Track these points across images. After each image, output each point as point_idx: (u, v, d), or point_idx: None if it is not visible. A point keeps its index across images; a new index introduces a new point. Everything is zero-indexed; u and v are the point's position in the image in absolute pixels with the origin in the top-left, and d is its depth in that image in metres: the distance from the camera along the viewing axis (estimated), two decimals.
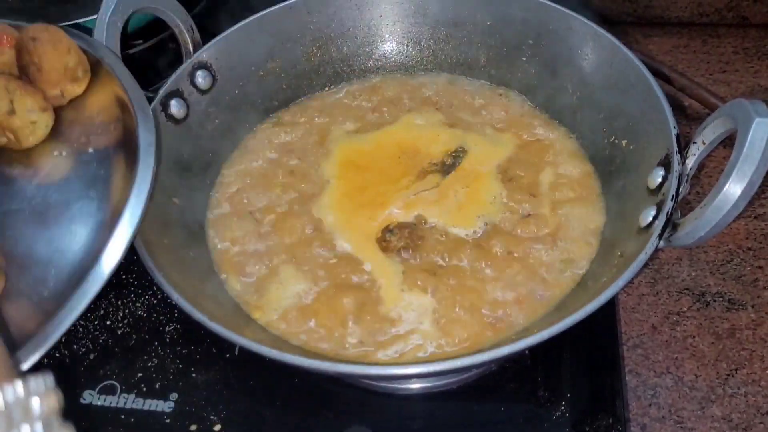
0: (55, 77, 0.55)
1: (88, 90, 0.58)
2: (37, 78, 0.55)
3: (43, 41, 0.54)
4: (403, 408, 0.57)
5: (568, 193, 0.61)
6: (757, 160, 0.42)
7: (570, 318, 0.43)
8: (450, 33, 0.73)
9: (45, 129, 0.55)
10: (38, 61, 0.54)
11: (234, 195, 0.64)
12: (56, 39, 0.55)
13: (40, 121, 0.54)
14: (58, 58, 0.55)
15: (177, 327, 0.62)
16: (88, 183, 0.52)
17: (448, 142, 0.67)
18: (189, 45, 0.66)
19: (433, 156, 0.66)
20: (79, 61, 0.56)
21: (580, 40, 0.64)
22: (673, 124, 0.52)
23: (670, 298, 0.65)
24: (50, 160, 0.55)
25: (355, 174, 0.66)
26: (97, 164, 0.53)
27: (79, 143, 0.55)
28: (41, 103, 0.54)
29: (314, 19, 0.71)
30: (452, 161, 0.65)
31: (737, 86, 0.85)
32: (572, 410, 0.54)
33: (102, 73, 0.57)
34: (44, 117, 0.55)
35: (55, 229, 0.50)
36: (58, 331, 0.44)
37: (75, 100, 0.57)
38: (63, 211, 0.51)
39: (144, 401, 0.57)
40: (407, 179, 0.64)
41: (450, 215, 0.61)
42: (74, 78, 0.56)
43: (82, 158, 0.54)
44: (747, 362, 0.60)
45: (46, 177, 0.54)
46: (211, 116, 0.67)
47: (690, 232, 0.46)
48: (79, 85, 0.57)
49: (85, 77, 0.57)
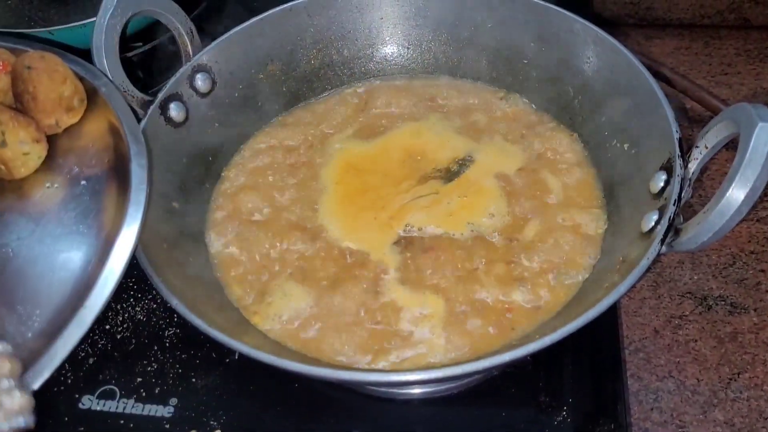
0: (49, 107, 0.54)
1: (83, 117, 0.57)
2: (32, 107, 0.54)
3: (39, 70, 0.54)
4: (404, 413, 0.57)
5: (570, 198, 0.61)
6: (760, 165, 0.41)
7: (571, 324, 0.43)
8: (451, 35, 0.73)
9: (37, 160, 0.54)
10: (33, 90, 0.54)
11: (234, 199, 0.64)
12: (52, 68, 0.54)
13: (33, 153, 0.54)
14: (53, 87, 0.54)
15: (177, 331, 0.61)
16: (79, 217, 0.52)
17: (457, 149, 0.67)
18: (188, 48, 0.66)
19: (438, 162, 0.66)
20: (75, 90, 0.56)
21: (582, 44, 0.64)
22: (675, 128, 0.51)
23: (672, 302, 0.65)
24: (41, 191, 0.54)
25: (356, 177, 0.66)
26: (89, 196, 0.53)
27: (72, 173, 0.54)
28: (34, 135, 0.54)
29: (314, 21, 0.71)
30: (457, 168, 0.65)
31: (739, 88, 0.84)
32: (574, 415, 0.53)
33: (98, 100, 0.57)
34: (37, 148, 0.54)
35: (42, 265, 0.50)
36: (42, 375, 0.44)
37: (70, 128, 0.57)
38: (51, 245, 0.51)
39: (143, 406, 0.57)
40: (408, 183, 0.64)
41: (440, 220, 0.61)
42: (69, 108, 0.56)
43: (74, 191, 0.53)
44: (749, 366, 0.60)
45: (36, 209, 0.53)
46: (211, 119, 0.66)
47: (692, 238, 0.45)
48: (74, 115, 0.57)
49: (80, 107, 0.57)
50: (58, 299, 0.47)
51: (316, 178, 0.66)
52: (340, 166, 0.67)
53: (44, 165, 0.55)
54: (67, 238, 0.51)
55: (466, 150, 0.66)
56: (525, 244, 0.58)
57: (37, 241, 0.51)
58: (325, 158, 0.67)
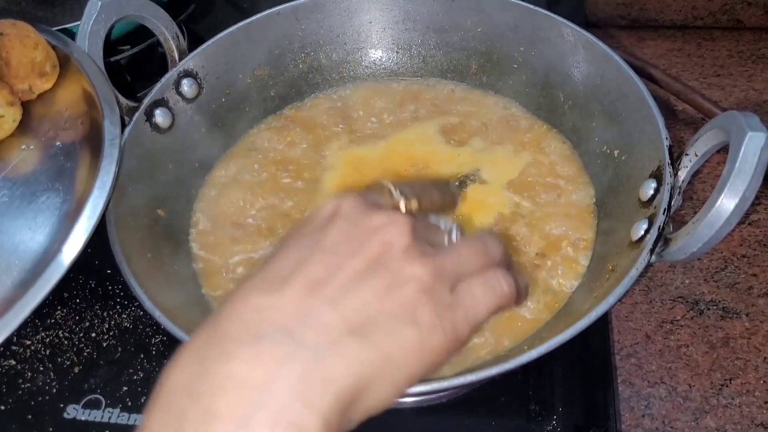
0: (23, 72, 0.55)
1: (57, 85, 0.58)
2: (5, 73, 0.55)
3: (11, 36, 0.55)
4: (393, 422, 0.56)
5: (560, 208, 0.61)
6: (749, 175, 0.41)
7: (560, 336, 0.42)
8: (440, 40, 0.72)
9: (12, 123, 0.55)
10: (6, 56, 0.55)
11: (220, 206, 0.63)
12: (24, 34, 0.56)
13: (7, 116, 0.55)
14: (25, 53, 0.55)
15: (164, 339, 0.61)
16: (54, 176, 0.53)
17: (462, 166, 0.66)
18: (174, 53, 0.65)
19: (432, 171, 0.65)
20: (47, 56, 0.57)
21: (571, 48, 0.63)
22: (665, 135, 0.51)
23: (664, 307, 0.64)
24: (18, 154, 0.56)
25: (350, 184, 0.65)
26: (64, 158, 0.54)
27: (47, 137, 0.56)
28: (8, 98, 0.54)
29: (303, 25, 0.70)
30: (458, 184, 0.64)
31: (731, 90, 0.84)
32: (564, 424, 0.53)
33: (71, 69, 0.58)
34: (11, 111, 0.55)
35: (20, 220, 0.52)
36: (15, 320, 0.46)
37: (44, 94, 0.58)
38: (28, 203, 0.52)
39: (129, 416, 0.56)
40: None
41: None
42: (42, 73, 0.57)
43: (49, 152, 0.55)
44: (741, 372, 0.59)
45: (13, 170, 0.55)
46: (198, 125, 0.66)
47: (682, 248, 0.45)
48: (47, 80, 0.57)
49: (53, 72, 0.58)
50: (35, 249, 0.50)
51: (306, 183, 0.65)
52: (334, 174, 0.66)
53: (19, 129, 0.56)
54: (42, 196, 0.53)
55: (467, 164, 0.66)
56: (515, 250, 0.58)
57: (13, 199, 0.53)
58: (314, 164, 0.67)
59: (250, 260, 0.59)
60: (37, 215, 0.51)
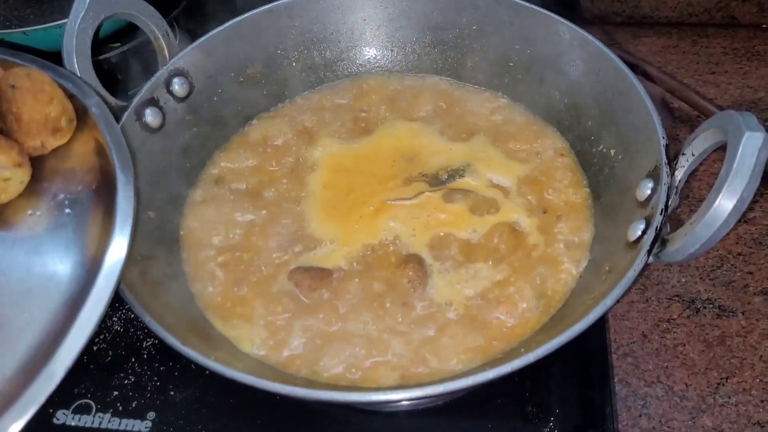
0: (34, 128, 0.51)
1: (71, 138, 0.53)
2: (15, 128, 0.51)
3: (23, 90, 0.50)
4: (389, 425, 0.56)
5: (557, 207, 0.60)
6: (747, 175, 0.40)
7: (556, 339, 0.42)
8: (435, 37, 0.71)
9: (19, 186, 0.51)
10: (17, 111, 0.50)
11: (212, 207, 0.62)
12: (38, 88, 0.51)
13: (14, 178, 0.50)
14: (38, 108, 0.50)
15: (155, 342, 0.60)
16: (62, 244, 0.49)
17: (452, 159, 0.65)
18: (165, 51, 0.64)
19: (427, 167, 0.65)
20: (63, 111, 0.52)
21: (567, 46, 0.63)
22: (662, 135, 0.50)
23: (660, 305, 0.64)
24: (24, 219, 0.50)
25: (341, 178, 0.65)
26: (73, 225, 0.49)
27: (56, 199, 0.51)
28: (16, 159, 0.50)
29: (296, 23, 0.70)
30: (446, 177, 0.64)
31: (726, 87, 0.84)
32: (561, 426, 0.53)
33: (87, 119, 0.53)
34: (19, 173, 0.50)
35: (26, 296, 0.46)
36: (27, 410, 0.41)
37: (57, 148, 0.53)
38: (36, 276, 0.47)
39: (120, 421, 0.55)
40: (394, 182, 0.63)
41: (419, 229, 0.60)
42: (57, 129, 0.52)
43: (58, 219, 0.50)
44: (737, 371, 0.59)
45: (19, 236, 0.50)
46: (189, 124, 0.65)
47: (679, 249, 0.45)
48: (62, 137, 0.53)
49: (69, 127, 0.53)
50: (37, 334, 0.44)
51: (300, 183, 0.64)
52: (326, 169, 0.66)
53: (27, 188, 0.51)
54: (49, 270, 0.48)
55: (457, 159, 0.65)
56: (513, 251, 0.57)
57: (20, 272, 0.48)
58: (310, 162, 0.66)
59: (239, 259, 0.59)
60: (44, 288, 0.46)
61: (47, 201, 0.51)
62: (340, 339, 0.53)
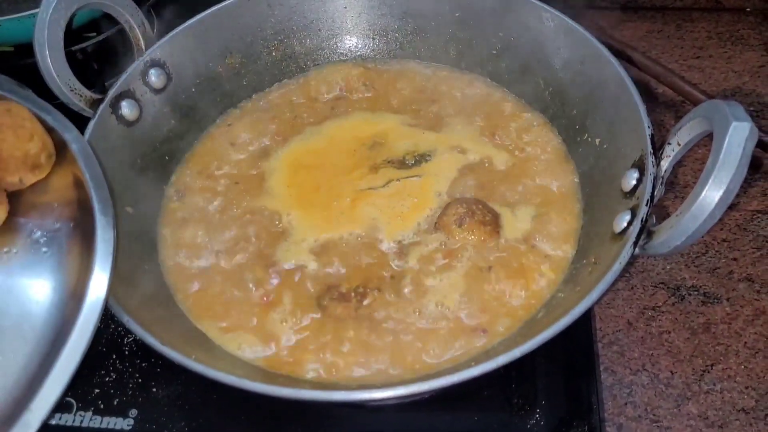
0: (13, 165, 0.50)
1: (50, 172, 0.52)
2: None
3: (3, 127, 0.49)
4: (375, 419, 0.55)
5: (538, 197, 0.60)
6: (734, 166, 0.40)
7: (542, 335, 0.42)
8: (418, 25, 0.70)
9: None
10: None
11: (189, 202, 0.62)
12: (18, 124, 0.50)
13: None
14: (18, 145, 0.49)
15: (136, 339, 0.59)
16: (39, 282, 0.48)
17: (418, 144, 0.65)
18: (141, 42, 0.62)
19: (393, 153, 0.64)
20: (43, 147, 0.51)
21: (551, 34, 0.62)
22: (647, 124, 0.50)
23: (646, 293, 0.64)
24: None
25: (307, 172, 0.64)
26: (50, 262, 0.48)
27: (33, 236, 0.50)
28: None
29: (275, 11, 0.68)
30: (414, 161, 0.63)
31: (711, 72, 0.83)
32: (547, 418, 0.53)
33: (66, 153, 0.52)
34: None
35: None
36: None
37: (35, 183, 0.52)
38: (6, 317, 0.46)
39: (102, 419, 0.55)
40: (359, 172, 0.62)
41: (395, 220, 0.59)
42: (36, 165, 0.51)
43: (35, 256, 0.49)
44: (722, 357, 0.59)
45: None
46: (166, 116, 0.64)
47: (665, 241, 0.44)
48: (41, 172, 0.51)
49: (48, 163, 0.52)
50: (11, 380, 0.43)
51: (276, 175, 0.63)
52: (292, 162, 0.65)
53: (3, 224, 0.50)
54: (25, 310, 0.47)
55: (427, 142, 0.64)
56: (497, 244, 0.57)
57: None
58: (286, 153, 0.65)
59: (219, 257, 0.58)
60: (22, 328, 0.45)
61: (23, 238, 0.50)
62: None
